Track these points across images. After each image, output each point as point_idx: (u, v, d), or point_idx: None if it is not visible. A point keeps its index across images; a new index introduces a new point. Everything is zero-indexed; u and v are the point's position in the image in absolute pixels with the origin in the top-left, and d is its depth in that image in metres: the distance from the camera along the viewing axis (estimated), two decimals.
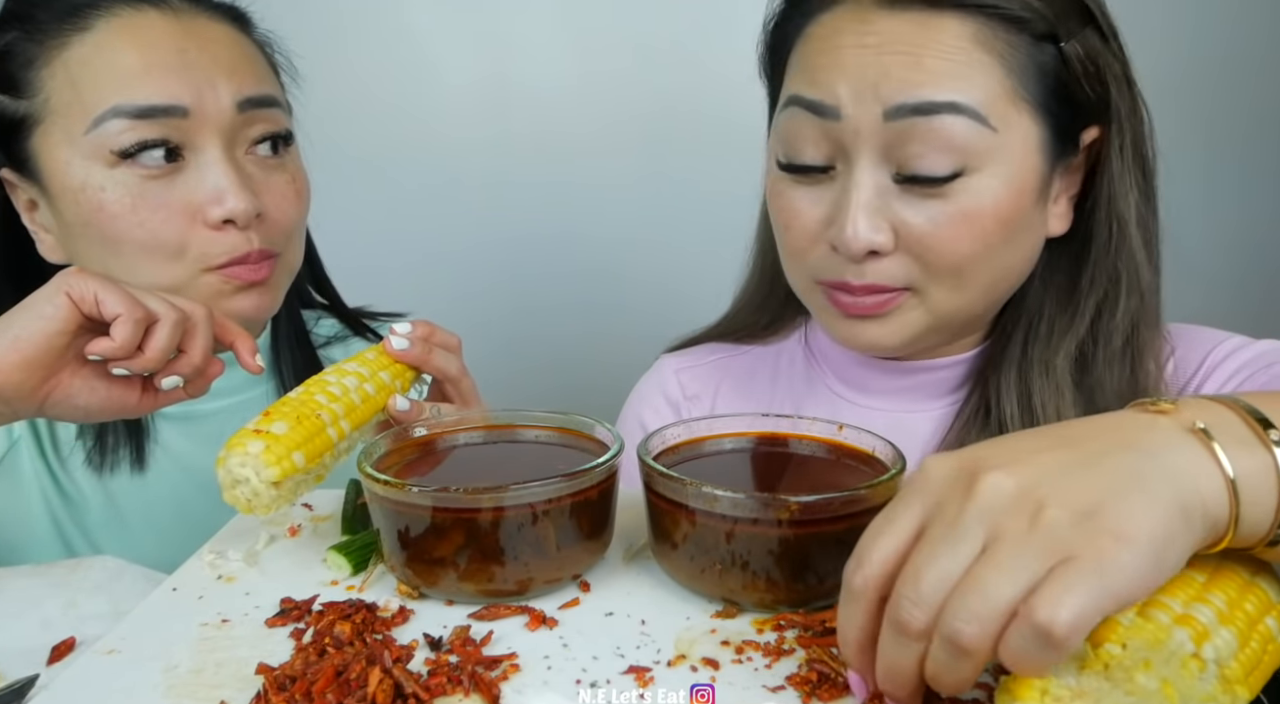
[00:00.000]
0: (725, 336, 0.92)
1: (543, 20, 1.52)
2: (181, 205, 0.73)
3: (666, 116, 1.53)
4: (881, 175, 0.66)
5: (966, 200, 0.65)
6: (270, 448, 0.55)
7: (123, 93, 0.72)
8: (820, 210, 0.70)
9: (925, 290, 0.69)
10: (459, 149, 1.55)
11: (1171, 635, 0.37)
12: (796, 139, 0.69)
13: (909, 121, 0.64)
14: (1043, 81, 0.67)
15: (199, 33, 0.76)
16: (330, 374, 0.64)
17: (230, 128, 0.75)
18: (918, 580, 0.36)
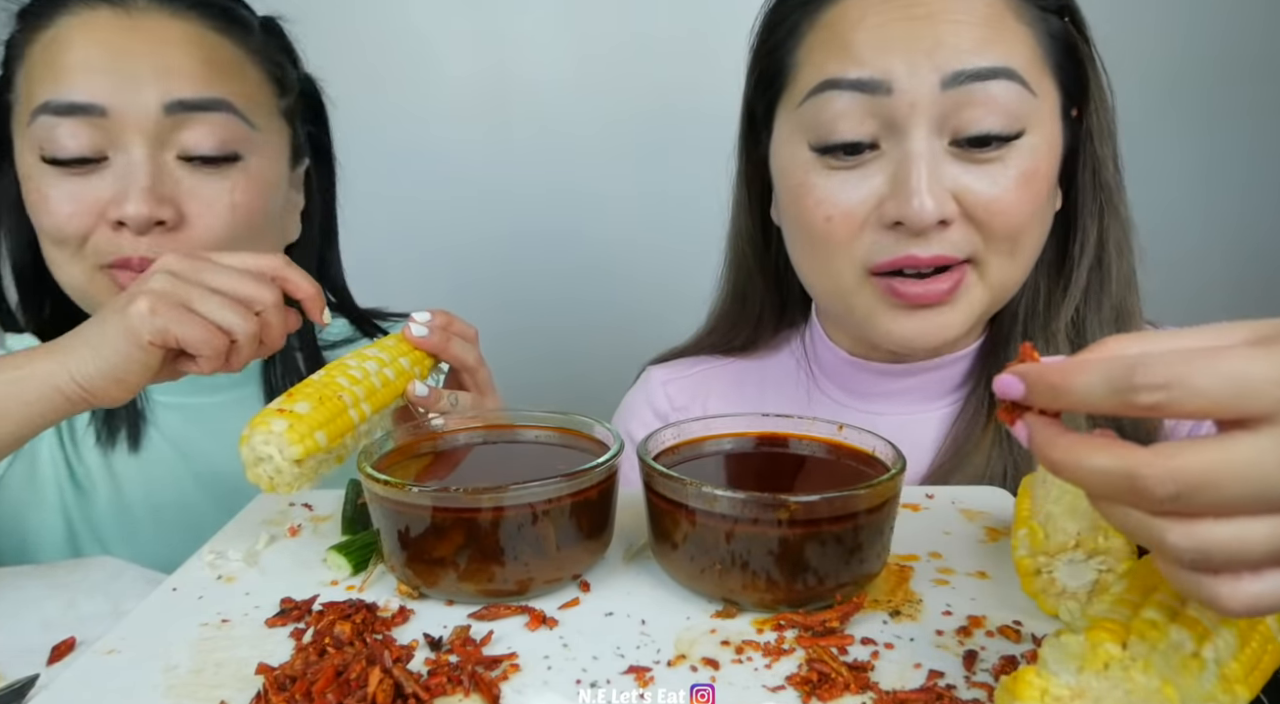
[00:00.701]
0: (707, 352, 0.92)
1: (542, 17, 1.52)
2: (91, 200, 0.74)
3: (666, 114, 1.53)
4: (938, 144, 0.66)
5: (1023, 163, 0.67)
6: (294, 426, 0.56)
7: (53, 89, 0.73)
8: (866, 192, 0.69)
9: (985, 262, 0.70)
10: (458, 146, 1.55)
11: (1171, 635, 0.37)
12: (838, 122, 0.67)
13: (966, 88, 0.64)
14: (1057, 49, 0.70)
15: (150, 32, 0.76)
16: (351, 358, 0.65)
17: (156, 130, 0.74)
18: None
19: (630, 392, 0.95)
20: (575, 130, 1.55)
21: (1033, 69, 0.67)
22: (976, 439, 0.76)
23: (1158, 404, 0.32)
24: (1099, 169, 0.74)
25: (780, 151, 0.75)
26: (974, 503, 0.65)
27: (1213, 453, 0.32)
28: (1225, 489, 0.31)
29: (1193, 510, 0.32)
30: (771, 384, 0.88)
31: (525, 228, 1.58)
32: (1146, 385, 0.32)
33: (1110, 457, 0.34)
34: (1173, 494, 0.32)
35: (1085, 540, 0.48)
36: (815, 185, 0.70)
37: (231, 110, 0.76)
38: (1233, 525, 0.32)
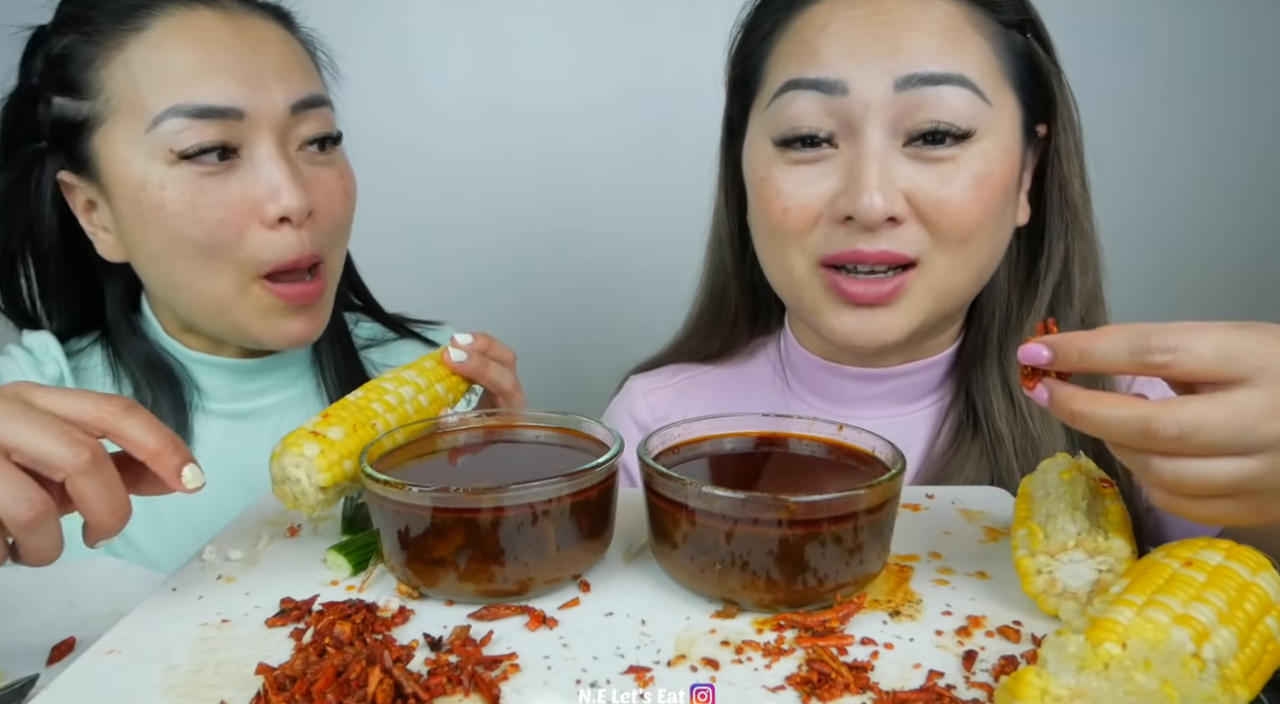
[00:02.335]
0: (686, 358, 0.93)
1: (545, 27, 1.52)
2: (238, 201, 0.74)
3: (667, 118, 1.53)
4: (891, 144, 0.69)
5: (975, 166, 0.69)
6: (325, 453, 0.56)
7: (181, 93, 0.73)
8: (823, 186, 0.71)
9: (931, 263, 0.71)
10: (459, 149, 1.55)
11: (1171, 635, 0.37)
12: (798, 119, 0.71)
13: (919, 91, 0.67)
14: (1019, 64, 0.73)
15: (250, 32, 0.77)
16: (389, 381, 0.65)
17: (283, 127, 0.76)
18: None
19: (613, 402, 0.96)
20: (576, 137, 1.55)
21: (989, 79, 0.70)
22: (964, 453, 0.77)
23: (1166, 364, 0.42)
24: (1065, 187, 0.76)
25: (750, 151, 0.78)
26: (974, 503, 0.65)
27: (1205, 404, 0.42)
28: (1213, 432, 0.41)
29: (1189, 451, 0.42)
30: (751, 390, 0.89)
31: (526, 230, 1.59)
32: (1160, 347, 0.42)
33: (1127, 406, 0.43)
34: (1176, 435, 0.42)
35: (1085, 540, 0.48)
36: (775, 179, 0.73)
37: (328, 104, 0.81)
38: (1205, 463, 0.43)
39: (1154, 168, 1.57)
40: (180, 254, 0.76)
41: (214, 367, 0.85)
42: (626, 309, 1.59)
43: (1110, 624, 0.38)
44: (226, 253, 0.75)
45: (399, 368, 0.68)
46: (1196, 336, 0.42)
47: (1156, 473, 0.44)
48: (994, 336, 0.79)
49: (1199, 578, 0.42)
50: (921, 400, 0.82)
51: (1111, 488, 0.54)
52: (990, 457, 0.76)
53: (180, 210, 0.74)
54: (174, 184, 0.73)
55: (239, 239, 0.75)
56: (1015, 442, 0.76)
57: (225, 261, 0.76)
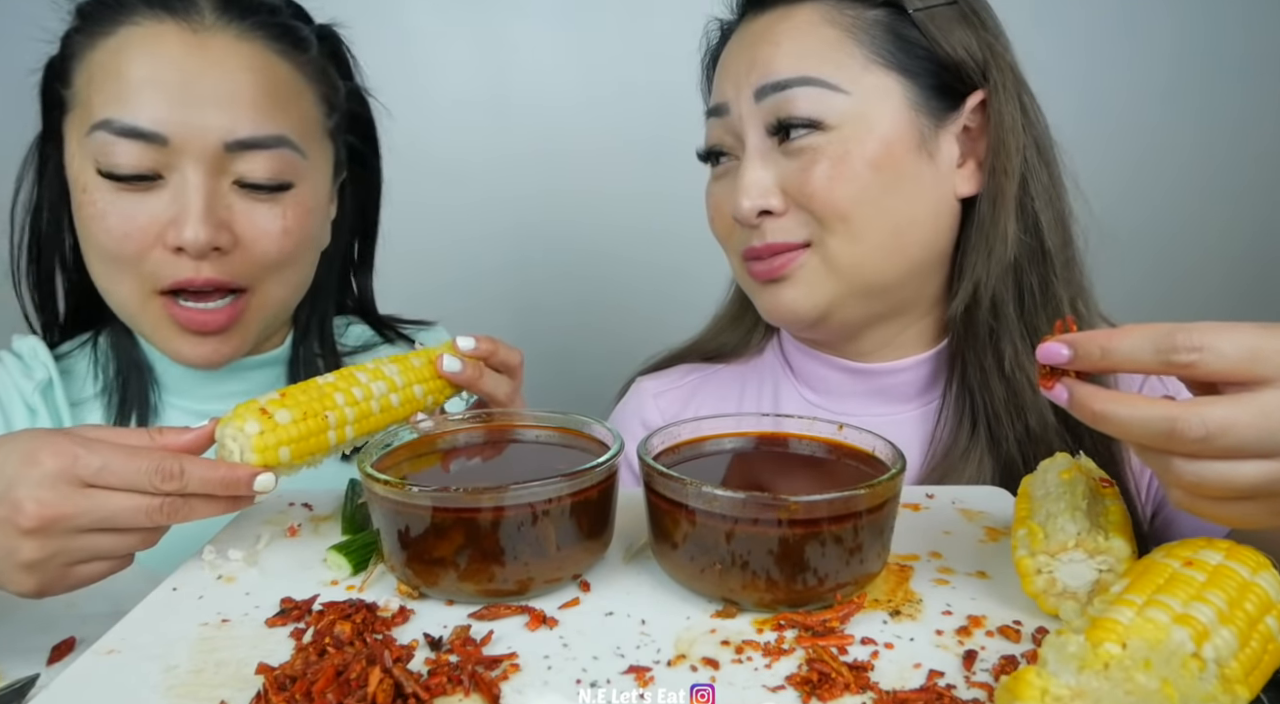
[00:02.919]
0: (698, 356, 0.94)
1: (544, 26, 1.52)
2: (148, 221, 0.74)
3: (667, 115, 1.52)
4: (768, 145, 0.77)
5: (832, 150, 0.74)
6: (264, 434, 0.57)
7: (115, 107, 0.73)
8: (729, 195, 0.79)
9: (822, 243, 0.76)
10: (459, 147, 1.55)
11: (1171, 635, 0.37)
12: (709, 140, 0.83)
13: (772, 98, 0.75)
14: (897, 44, 0.75)
15: (214, 53, 0.74)
16: (364, 372, 0.64)
17: (215, 160, 0.74)
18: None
19: (621, 404, 0.95)
20: (576, 135, 1.55)
21: (847, 68, 0.74)
22: (964, 447, 0.77)
23: (1191, 363, 0.42)
24: (1006, 153, 0.76)
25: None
26: (974, 503, 0.65)
27: (1232, 405, 0.41)
28: (1240, 434, 0.41)
29: (1213, 452, 0.42)
30: (753, 384, 0.90)
31: (526, 228, 1.58)
32: (1186, 346, 0.42)
33: (1151, 406, 0.43)
34: (1201, 436, 0.41)
35: (1085, 540, 0.48)
36: (709, 193, 0.85)
37: (287, 144, 0.77)
38: (1228, 465, 0.42)
39: (1152, 166, 1.57)
40: (93, 257, 0.77)
41: (174, 365, 0.84)
42: (625, 307, 1.59)
43: (1110, 624, 0.38)
44: (128, 265, 0.75)
45: (384, 359, 0.67)
46: (1223, 336, 0.41)
47: (1178, 474, 0.43)
48: (977, 317, 0.78)
49: (1199, 578, 0.42)
50: (916, 400, 0.83)
51: (1111, 488, 0.54)
52: (990, 445, 0.77)
53: (94, 215, 0.74)
54: (95, 190, 0.74)
55: (141, 256, 0.75)
56: (1015, 423, 0.76)
57: (126, 274, 0.76)
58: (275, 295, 0.81)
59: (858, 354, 0.83)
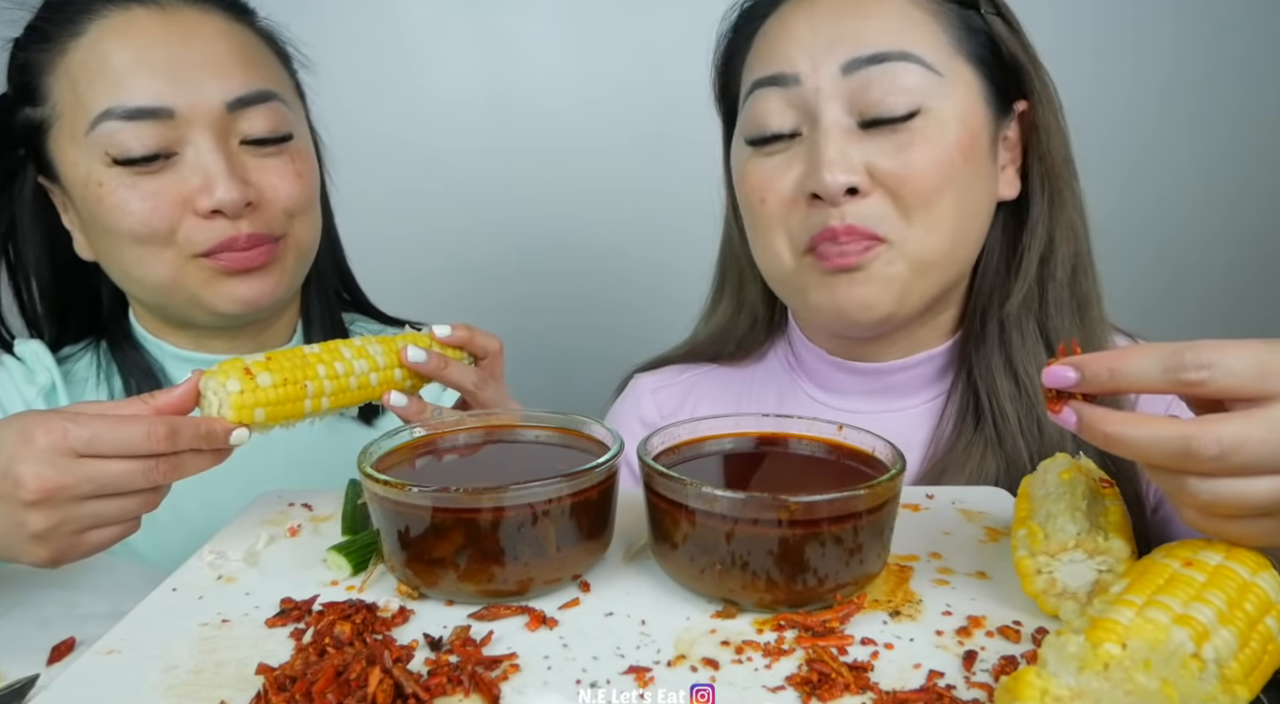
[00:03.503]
0: (694, 358, 0.93)
1: (543, 27, 1.52)
2: (173, 195, 0.75)
3: (666, 115, 1.53)
4: (847, 123, 0.73)
5: (928, 132, 0.72)
6: (244, 394, 0.60)
7: (114, 95, 0.74)
8: (794, 172, 0.75)
9: (901, 238, 0.73)
10: (458, 147, 1.55)
11: (1171, 635, 0.37)
12: (763, 115, 0.76)
13: (865, 72, 0.71)
14: (975, 39, 0.75)
15: (187, 28, 0.77)
16: (348, 347, 0.67)
17: (220, 123, 0.76)
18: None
19: (618, 401, 0.95)
20: (575, 135, 1.55)
21: (938, 54, 0.73)
22: (967, 441, 0.77)
23: (1201, 381, 0.41)
24: (1043, 157, 0.78)
25: (734, 153, 0.82)
26: (974, 503, 0.65)
27: (1244, 421, 0.41)
28: (1254, 450, 0.40)
29: (1228, 470, 0.41)
30: (757, 385, 0.89)
31: (525, 228, 1.58)
32: (1195, 364, 0.41)
33: (1164, 426, 0.42)
34: (1216, 454, 0.40)
35: (1085, 540, 0.48)
36: (750, 172, 0.78)
37: (276, 97, 0.80)
38: (1243, 482, 0.41)
39: (1150, 164, 1.57)
40: (121, 245, 0.78)
41: (194, 363, 0.85)
42: (625, 307, 1.59)
43: (1110, 624, 0.38)
44: (162, 241, 0.77)
45: (371, 338, 0.70)
46: (1230, 353, 0.41)
47: (1193, 493, 0.42)
48: (993, 316, 0.79)
49: (1199, 578, 0.42)
50: (923, 394, 0.83)
51: (1111, 488, 0.54)
52: (995, 441, 0.77)
53: (115, 204, 0.75)
54: (110, 180, 0.75)
55: (172, 230, 0.76)
56: (1021, 420, 0.76)
57: (163, 248, 0.77)
58: (304, 237, 0.84)
59: (873, 356, 0.82)
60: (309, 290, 0.92)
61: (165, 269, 0.78)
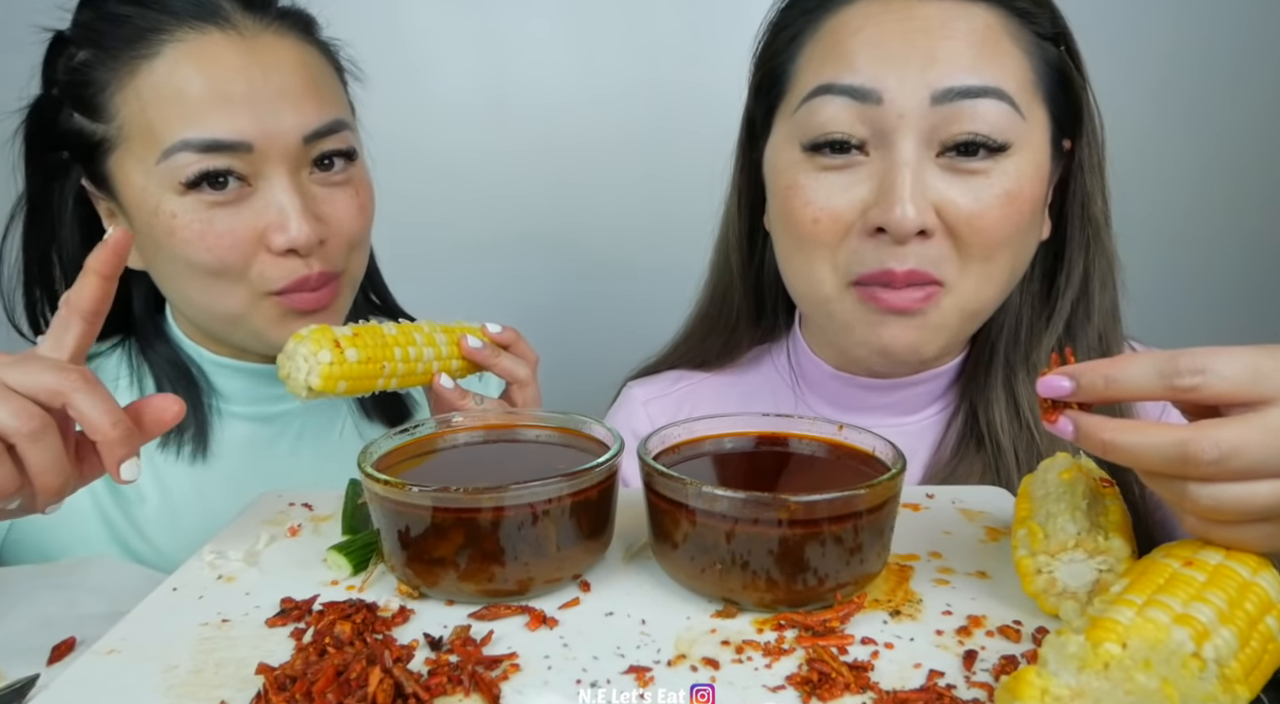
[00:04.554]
0: (685, 364, 0.92)
1: (544, 26, 1.52)
2: (247, 231, 0.74)
3: (666, 116, 1.53)
4: (925, 156, 0.68)
5: (1007, 181, 0.68)
6: (333, 366, 0.65)
7: (190, 126, 0.72)
8: (856, 195, 0.70)
9: (957, 283, 0.70)
10: (459, 147, 1.55)
11: (1171, 635, 0.37)
12: (831, 123, 0.69)
13: (955, 105, 0.66)
14: (1050, 75, 0.71)
15: (264, 55, 0.75)
16: (420, 333, 0.72)
17: (296, 157, 0.75)
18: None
19: (611, 412, 0.94)
20: (576, 136, 1.55)
21: (1023, 93, 0.69)
22: (969, 460, 0.77)
23: (1195, 386, 0.41)
24: (1087, 203, 0.76)
25: (775, 155, 0.76)
26: (974, 503, 0.65)
27: (1241, 425, 0.41)
28: (1252, 453, 0.40)
29: (1227, 475, 0.41)
30: (754, 399, 0.88)
31: (525, 229, 1.58)
32: (1189, 369, 0.41)
33: (1161, 431, 0.42)
34: (1215, 458, 0.40)
35: (1085, 540, 0.48)
36: (804, 186, 0.72)
37: (347, 127, 0.80)
38: (1243, 486, 0.41)
39: (1155, 168, 1.57)
40: (190, 277, 0.76)
41: (236, 371, 0.85)
42: (625, 307, 1.59)
43: (1110, 624, 0.38)
44: (235, 277, 0.75)
45: (437, 326, 0.74)
46: (1223, 358, 0.41)
47: (1194, 499, 0.42)
48: (1001, 351, 0.78)
49: (1199, 578, 0.42)
50: (927, 409, 0.82)
51: (1111, 488, 0.54)
52: (993, 468, 0.76)
53: (189, 238, 0.74)
54: (184, 212, 0.73)
55: (246, 266, 0.75)
56: (1018, 454, 0.76)
57: (235, 284, 0.76)
58: (357, 270, 0.85)
59: (881, 372, 0.80)
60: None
61: (234, 303, 0.77)
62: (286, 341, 0.69)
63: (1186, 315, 1.62)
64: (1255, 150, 1.60)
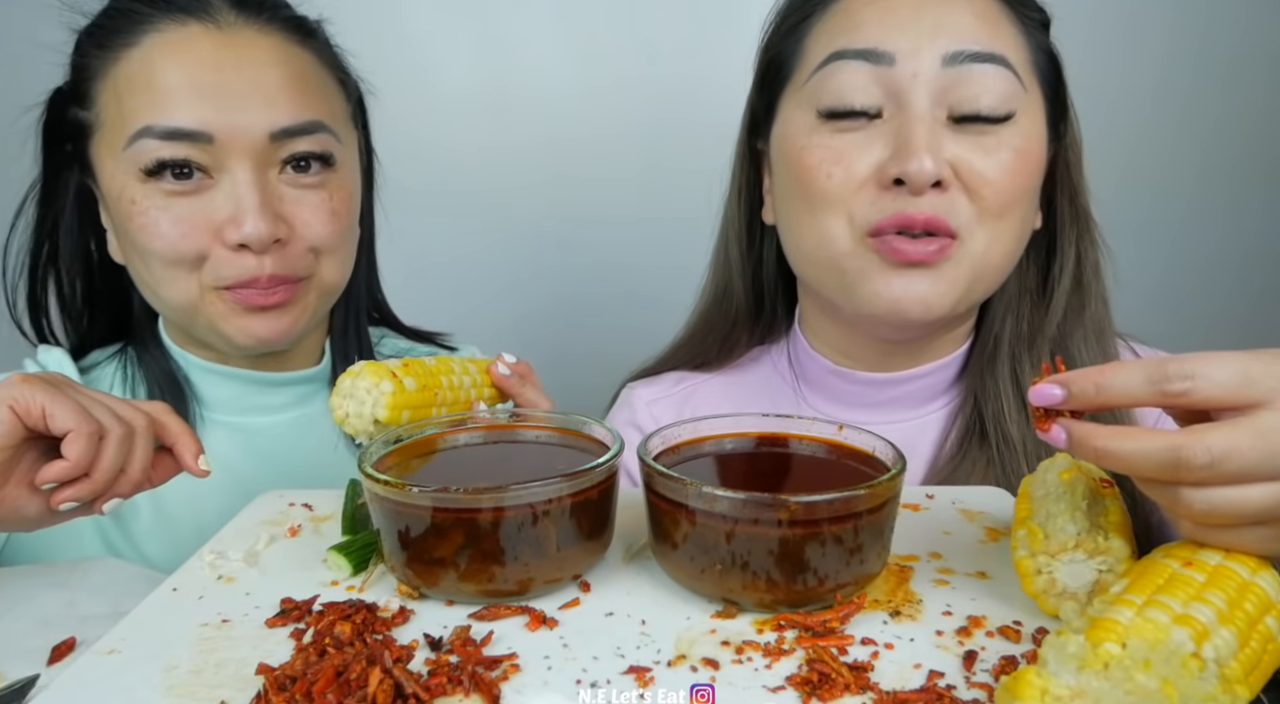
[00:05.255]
0: (685, 364, 0.92)
1: (544, 22, 1.52)
2: (204, 221, 0.74)
3: (667, 117, 1.53)
4: (938, 114, 0.71)
5: (1016, 141, 0.71)
6: (396, 395, 0.64)
7: (155, 113, 0.72)
8: (872, 153, 0.71)
9: (970, 236, 0.72)
10: (459, 149, 1.55)
11: (1171, 635, 0.37)
12: (847, 89, 0.72)
13: (964, 67, 0.70)
14: (1044, 64, 0.75)
15: (243, 50, 0.75)
16: (456, 363, 0.72)
17: (262, 152, 0.75)
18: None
19: (612, 412, 0.94)
20: (576, 135, 1.55)
21: (1023, 66, 0.72)
22: (969, 457, 0.77)
23: (1185, 391, 0.42)
24: (1075, 195, 0.79)
25: (785, 128, 0.77)
26: (974, 503, 0.65)
27: (1232, 429, 0.41)
28: (1243, 457, 0.40)
29: (1219, 479, 0.41)
30: (756, 397, 0.88)
31: (526, 232, 1.58)
32: (1178, 375, 0.42)
33: (1153, 438, 0.42)
34: (1207, 463, 0.41)
35: (1085, 541, 0.48)
36: (818, 146, 0.73)
37: (325, 128, 0.79)
38: (1236, 490, 0.41)
39: (1156, 168, 1.57)
40: (149, 266, 0.77)
41: (223, 377, 0.85)
42: (626, 306, 1.59)
43: (1110, 624, 0.38)
44: (189, 268, 0.76)
45: (467, 358, 0.74)
46: (1212, 363, 0.42)
47: (1188, 503, 0.42)
48: (1005, 340, 0.79)
49: (1199, 578, 0.42)
50: (930, 404, 0.82)
51: (1111, 488, 0.54)
52: (998, 462, 0.76)
53: (145, 225, 0.74)
54: (143, 199, 0.74)
55: (200, 257, 0.75)
56: (1026, 445, 0.76)
57: (189, 275, 0.76)
58: (330, 277, 0.83)
59: (881, 367, 0.81)
60: (337, 312, 0.91)
61: (187, 295, 0.77)
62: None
63: (1187, 315, 1.62)
64: (1253, 148, 1.60)
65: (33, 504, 0.57)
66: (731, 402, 0.89)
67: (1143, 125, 1.55)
